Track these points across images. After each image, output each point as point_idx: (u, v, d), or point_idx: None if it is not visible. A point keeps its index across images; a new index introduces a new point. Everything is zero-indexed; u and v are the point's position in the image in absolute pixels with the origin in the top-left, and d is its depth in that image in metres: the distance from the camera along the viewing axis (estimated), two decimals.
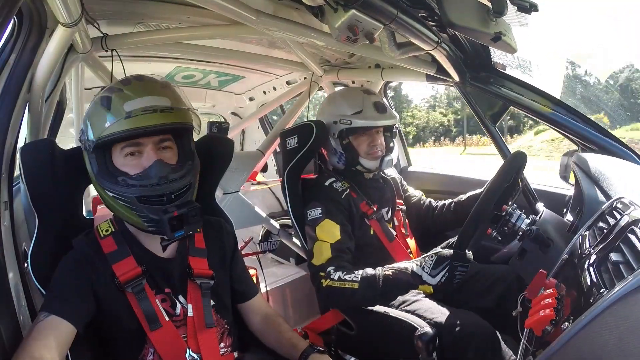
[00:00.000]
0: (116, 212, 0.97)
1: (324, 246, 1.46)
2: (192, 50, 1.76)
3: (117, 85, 0.94)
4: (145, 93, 0.91)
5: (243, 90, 2.78)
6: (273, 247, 2.10)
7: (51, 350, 0.79)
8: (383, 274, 1.33)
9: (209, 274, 1.04)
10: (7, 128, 0.97)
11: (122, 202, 0.91)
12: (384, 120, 1.62)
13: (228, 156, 1.28)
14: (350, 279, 1.36)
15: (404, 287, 1.32)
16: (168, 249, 1.02)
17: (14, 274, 0.94)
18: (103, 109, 0.90)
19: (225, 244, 1.14)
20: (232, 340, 1.08)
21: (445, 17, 1.04)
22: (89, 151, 0.92)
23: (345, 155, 1.64)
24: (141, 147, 0.92)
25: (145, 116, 0.88)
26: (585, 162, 1.30)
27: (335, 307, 1.52)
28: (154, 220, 0.91)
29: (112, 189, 0.91)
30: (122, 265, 0.94)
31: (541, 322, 0.75)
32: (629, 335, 0.57)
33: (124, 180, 0.91)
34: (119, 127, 0.87)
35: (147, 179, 0.90)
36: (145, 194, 0.90)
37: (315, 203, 1.55)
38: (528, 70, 1.73)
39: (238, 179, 1.95)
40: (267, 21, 1.25)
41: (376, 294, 1.33)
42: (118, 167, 0.92)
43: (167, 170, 0.92)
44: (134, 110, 0.88)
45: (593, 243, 0.89)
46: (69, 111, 1.82)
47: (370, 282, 1.33)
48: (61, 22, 1.02)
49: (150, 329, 0.93)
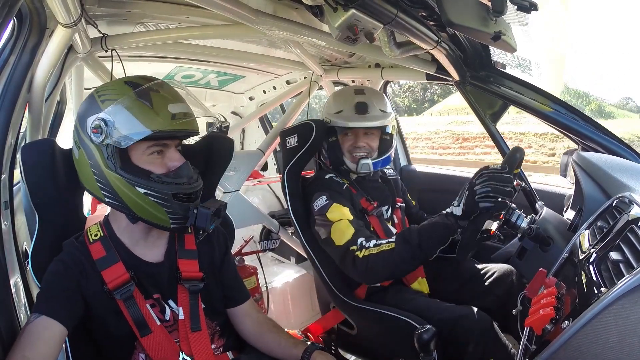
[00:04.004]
0: (136, 210, 0.93)
1: (343, 224, 1.43)
2: (192, 50, 1.77)
3: (153, 86, 0.94)
4: (180, 99, 0.98)
5: (243, 90, 2.79)
6: (273, 245, 2.10)
7: (42, 351, 0.80)
8: (419, 226, 1.30)
9: (198, 277, 1.04)
10: (7, 128, 0.97)
11: (153, 199, 0.92)
12: (360, 122, 1.58)
13: (228, 155, 1.28)
14: (385, 242, 1.34)
15: (439, 230, 1.25)
16: (156, 253, 1.03)
17: (14, 273, 0.95)
18: (145, 107, 0.91)
19: (215, 246, 1.12)
20: (224, 341, 1.08)
21: (445, 17, 1.04)
22: (112, 146, 0.90)
23: (329, 153, 1.64)
24: (165, 148, 0.96)
25: (185, 121, 0.95)
26: (586, 160, 1.30)
27: (375, 278, 1.42)
28: (182, 217, 0.95)
29: (146, 185, 0.91)
30: (111, 271, 0.94)
31: (541, 320, 0.75)
32: (629, 333, 0.57)
33: (158, 177, 0.93)
34: (167, 127, 0.91)
35: (179, 177, 0.95)
36: (179, 192, 0.94)
37: (319, 193, 1.53)
38: (528, 69, 1.73)
39: (238, 178, 1.95)
40: (267, 21, 1.25)
41: (413, 249, 1.27)
42: (139, 165, 0.93)
43: (192, 171, 0.99)
44: (178, 114, 0.93)
45: (593, 242, 0.90)
46: (69, 111, 1.83)
47: (406, 236, 1.30)
48: (61, 23, 1.02)
49: (140, 335, 0.94)
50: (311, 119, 1.69)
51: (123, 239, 1.00)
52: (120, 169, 0.91)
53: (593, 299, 0.67)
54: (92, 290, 0.93)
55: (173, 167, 0.95)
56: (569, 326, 0.66)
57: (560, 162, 1.57)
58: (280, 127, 2.06)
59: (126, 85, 0.93)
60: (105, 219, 1.03)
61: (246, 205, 1.99)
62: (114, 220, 1.01)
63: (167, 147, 0.96)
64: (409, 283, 1.57)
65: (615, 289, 0.63)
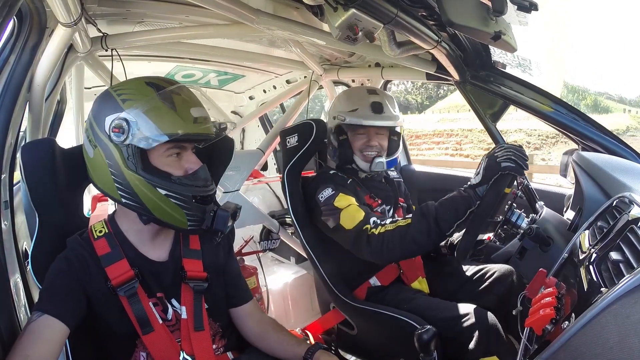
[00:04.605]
0: (154, 211, 0.92)
1: (353, 208, 1.43)
2: (192, 50, 1.77)
3: (175, 89, 0.95)
4: (200, 104, 0.98)
5: (243, 89, 2.79)
6: (273, 245, 2.10)
7: (44, 350, 0.79)
8: (436, 202, 1.31)
9: (202, 277, 1.04)
10: (7, 127, 0.97)
11: (175, 201, 0.92)
12: (376, 121, 1.59)
13: (228, 155, 1.28)
14: (401, 219, 1.34)
15: (457, 202, 1.26)
16: (161, 252, 1.02)
17: (14, 273, 0.95)
18: (167, 108, 0.91)
19: (219, 246, 1.13)
20: (225, 341, 1.08)
21: (445, 16, 1.04)
22: (133, 147, 0.89)
23: (339, 151, 1.63)
24: (182, 150, 0.96)
25: (206, 125, 0.96)
26: (586, 160, 1.30)
27: (391, 256, 1.38)
28: (199, 219, 0.96)
29: (167, 187, 0.91)
30: (115, 268, 0.94)
31: (541, 321, 0.75)
32: (629, 333, 0.57)
33: (178, 180, 0.93)
34: (190, 130, 0.92)
35: (198, 180, 0.96)
36: (199, 194, 0.95)
37: (323, 185, 1.53)
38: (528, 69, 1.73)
39: (238, 178, 1.95)
40: (267, 20, 1.25)
41: (430, 223, 1.26)
42: (158, 166, 0.93)
43: (208, 174, 1.00)
44: (200, 118, 0.94)
45: (593, 242, 0.90)
46: (69, 110, 1.83)
47: (423, 211, 1.30)
48: (61, 22, 1.02)
49: (142, 333, 0.94)
50: (311, 119, 1.69)
51: (129, 237, 1.00)
52: (142, 170, 0.91)
53: (593, 299, 0.67)
54: (96, 287, 0.93)
55: (190, 169, 0.96)
56: (569, 326, 0.66)
57: (560, 162, 1.57)
58: (280, 127, 2.06)
59: (148, 87, 0.93)
60: (111, 217, 1.03)
61: (246, 205, 1.99)
62: (122, 219, 1.01)
63: (185, 150, 0.96)
64: (409, 283, 1.57)
65: (615, 289, 0.63)
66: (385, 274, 1.57)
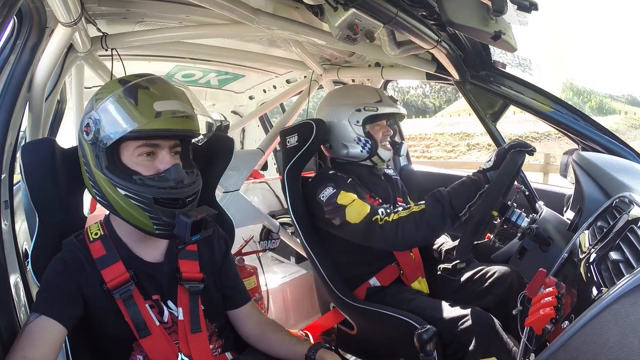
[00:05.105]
0: (121, 212, 0.92)
1: (357, 203, 1.43)
2: (192, 49, 1.76)
3: (143, 83, 0.91)
4: (173, 96, 0.92)
5: (243, 89, 2.78)
6: (273, 245, 2.10)
7: (42, 351, 0.79)
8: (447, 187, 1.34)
9: (198, 278, 1.03)
10: (7, 127, 0.97)
11: (135, 202, 0.89)
12: (398, 109, 1.65)
13: (228, 155, 1.28)
14: (414, 205, 1.37)
15: (468, 186, 1.30)
16: (156, 254, 1.01)
17: (14, 273, 0.94)
18: (129, 104, 0.87)
19: (216, 247, 1.11)
20: (222, 342, 1.07)
21: (445, 16, 1.04)
22: (99, 145, 0.88)
23: (370, 145, 1.62)
24: (156, 149, 0.92)
25: (173, 119, 0.90)
26: (586, 160, 1.30)
27: (408, 241, 1.37)
28: (167, 224, 0.91)
29: (127, 187, 0.88)
30: (110, 270, 0.93)
31: (541, 320, 0.75)
32: (629, 333, 0.57)
33: (140, 180, 0.89)
34: (148, 125, 0.86)
35: (165, 181, 0.90)
36: (162, 196, 0.89)
37: (324, 185, 1.52)
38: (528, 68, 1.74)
39: (238, 178, 1.95)
40: (267, 20, 1.25)
41: (445, 206, 1.28)
42: (128, 165, 0.90)
43: (183, 174, 0.93)
44: (164, 112, 0.88)
45: (593, 242, 0.90)
46: (69, 110, 1.83)
47: (436, 196, 1.31)
48: (61, 22, 1.02)
49: (139, 337, 0.93)
50: (311, 118, 1.69)
51: (123, 238, 0.99)
52: (105, 169, 0.89)
53: (593, 298, 0.67)
54: (91, 290, 0.92)
55: (163, 169, 0.91)
56: (569, 326, 0.66)
57: (560, 162, 1.57)
58: (280, 127, 2.06)
59: (119, 84, 0.91)
60: (106, 218, 1.03)
61: (246, 204, 1.99)
62: (114, 220, 1.00)
63: (160, 148, 0.92)
64: (409, 283, 1.57)
65: (615, 289, 0.63)
66: (385, 275, 1.58)
